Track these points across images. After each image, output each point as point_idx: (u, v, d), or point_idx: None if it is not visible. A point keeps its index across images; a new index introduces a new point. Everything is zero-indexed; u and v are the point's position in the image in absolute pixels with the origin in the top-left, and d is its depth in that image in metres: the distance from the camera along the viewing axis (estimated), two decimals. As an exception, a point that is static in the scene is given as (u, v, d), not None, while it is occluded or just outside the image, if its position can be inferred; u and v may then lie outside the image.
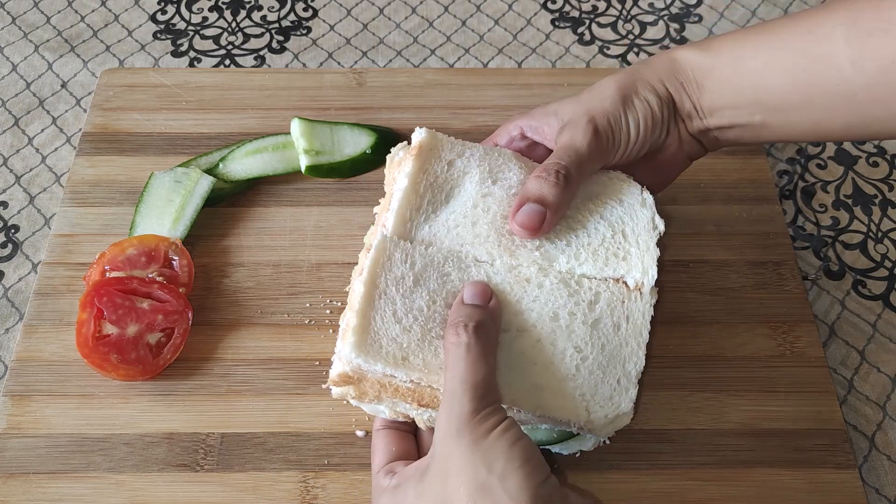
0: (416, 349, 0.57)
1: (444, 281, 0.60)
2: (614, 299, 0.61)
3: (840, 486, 0.71)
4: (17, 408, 0.74)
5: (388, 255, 0.60)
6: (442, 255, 0.61)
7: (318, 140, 0.88)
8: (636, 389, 0.59)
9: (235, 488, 0.70)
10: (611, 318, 0.60)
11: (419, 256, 0.60)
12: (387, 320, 0.58)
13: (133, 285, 0.77)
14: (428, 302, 0.59)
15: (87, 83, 1.00)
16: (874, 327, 0.83)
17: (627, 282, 0.63)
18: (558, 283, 0.61)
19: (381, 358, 0.57)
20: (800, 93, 0.61)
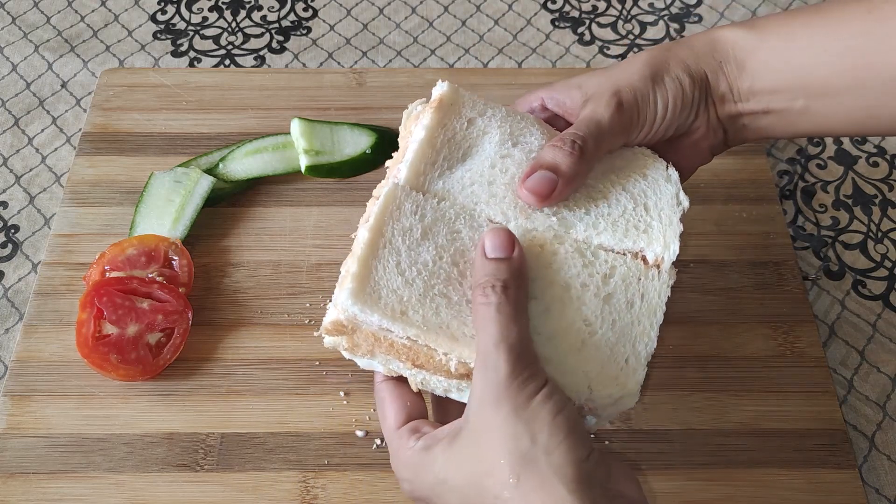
0: (416, 304, 0.54)
1: (453, 238, 0.57)
2: (630, 275, 0.57)
3: (840, 486, 0.71)
4: (17, 408, 0.74)
5: (398, 205, 0.57)
6: (454, 212, 0.58)
7: (318, 140, 0.88)
8: (645, 371, 0.55)
9: (235, 488, 0.70)
10: (625, 295, 0.57)
11: (430, 209, 0.57)
12: (389, 270, 0.55)
13: (133, 285, 0.77)
14: (434, 257, 0.56)
15: (87, 83, 1.00)
16: (874, 327, 0.83)
17: (647, 256, 0.59)
18: (573, 251, 0.57)
19: (379, 309, 0.54)
20: (853, 76, 0.58)
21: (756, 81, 0.62)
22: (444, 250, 0.56)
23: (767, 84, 0.62)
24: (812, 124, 0.63)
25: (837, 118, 0.61)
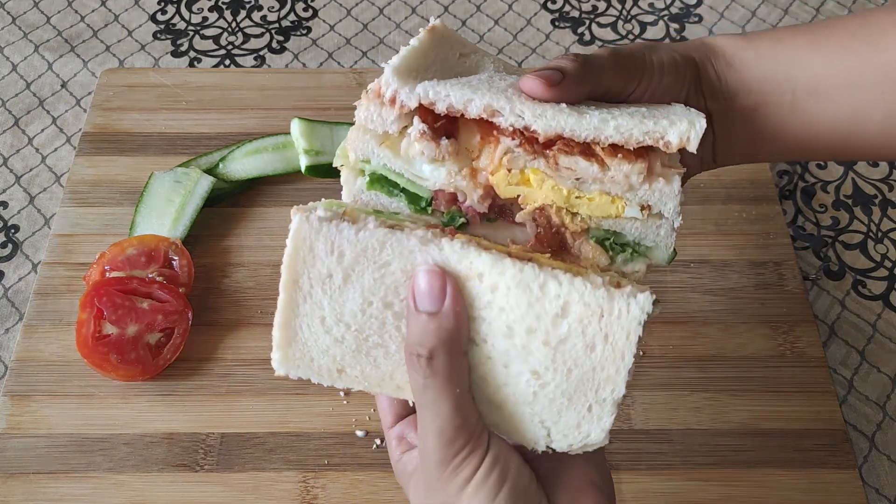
0: (352, 360, 0.50)
1: (382, 274, 0.49)
2: (589, 314, 0.47)
3: (840, 486, 0.71)
4: (17, 408, 0.74)
5: (309, 247, 0.49)
6: (378, 240, 0.48)
7: (318, 140, 0.88)
8: (613, 416, 0.48)
9: (235, 488, 0.70)
10: (582, 338, 0.47)
11: (348, 245, 0.48)
12: (315, 330, 0.50)
13: (133, 285, 0.77)
14: (362, 305, 0.49)
15: (87, 83, 1.00)
16: (874, 327, 0.83)
17: (671, 139, 0.51)
18: (516, 286, 0.47)
19: (313, 372, 0.50)
20: (844, 74, 0.58)
21: (744, 73, 0.61)
22: (372, 293, 0.49)
23: (756, 74, 0.60)
24: (801, 124, 0.61)
25: (827, 117, 0.60)
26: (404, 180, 0.54)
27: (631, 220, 0.53)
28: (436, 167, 0.53)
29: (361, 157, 0.55)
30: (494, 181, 0.53)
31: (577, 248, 0.53)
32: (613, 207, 0.53)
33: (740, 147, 0.60)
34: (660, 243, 0.53)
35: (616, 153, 0.52)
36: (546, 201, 0.53)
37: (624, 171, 0.52)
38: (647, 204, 0.52)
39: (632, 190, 0.52)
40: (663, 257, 0.54)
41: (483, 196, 0.53)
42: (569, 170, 0.52)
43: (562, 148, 0.52)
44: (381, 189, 0.55)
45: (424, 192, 0.54)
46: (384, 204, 0.56)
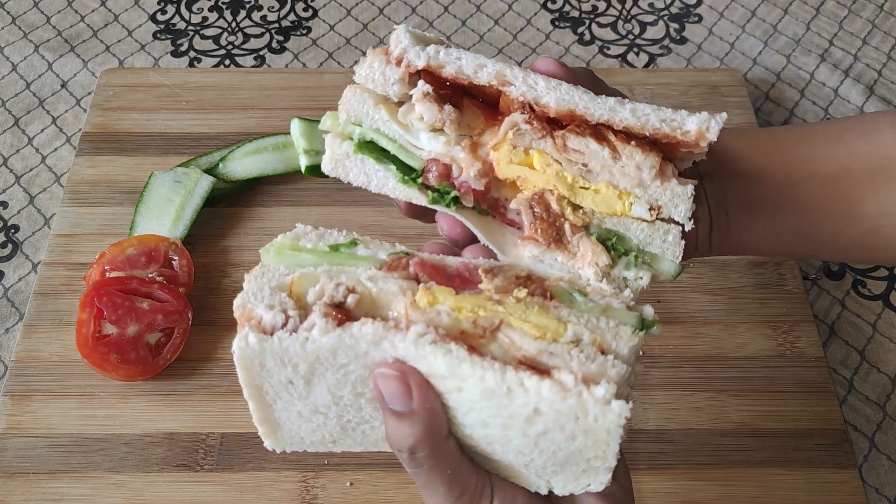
0: (341, 435, 0.49)
1: (343, 373, 0.45)
2: (563, 417, 0.43)
3: (840, 485, 0.71)
4: (17, 408, 0.74)
5: (260, 364, 0.46)
6: (328, 348, 0.44)
7: (318, 140, 0.88)
8: (609, 474, 0.45)
9: (235, 488, 0.70)
10: (561, 432, 0.43)
11: (299, 357, 0.45)
12: (294, 420, 0.48)
13: (133, 285, 0.77)
14: (333, 398, 0.47)
15: (87, 83, 1.00)
16: (874, 327, 0.83)
17: (689, 127, 0.47)
18: (481, 395, 0.43)
19: (307, 446, 0.50)
20: (837, 164, 0.57)
21: (740, 160, 0.58)
22: (339, 388, 0.46)
23: (752, 161, 0.58)
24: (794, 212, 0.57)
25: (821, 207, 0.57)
26: (396, 146, 0.51)
27: (637, 220, 0.49)
28: (434, 137, 0.50)
29: (353, 120, 0.52)
30: (495, 157, 0.50)
31: (575, 244, 0.49)
32: (620, 204, 0.50)
33: (735, 234, 0.57)
34: (666, 252, 0.49)
35: (629, 141, 0.49)
36: (547, 186, 0.49)
37: (636, 162, 0.48)
38: (657, 204, 0.49)
39: (642, 186, 0.49)
40: (669, 270, 0.49)
41: (481, 172, 0.50)
42: (577, 153, 0.49)
43: (572, 129, 0.49)
44: (369, 154, 0.51)
45: (417, 162, 0.51)
46: (369, 172, 0.51)
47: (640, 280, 0.49)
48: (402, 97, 0.51)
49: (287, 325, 0.45)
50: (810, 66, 1.03)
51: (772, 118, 0.99)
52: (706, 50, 1.05)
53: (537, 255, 0.49)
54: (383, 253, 0.48)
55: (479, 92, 0.51)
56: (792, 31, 1.07)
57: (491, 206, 0.51)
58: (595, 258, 0.49)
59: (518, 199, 0.50)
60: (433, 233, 0.85)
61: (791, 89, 1.01)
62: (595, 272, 0.48)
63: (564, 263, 0.49)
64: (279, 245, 0.49)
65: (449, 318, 0.44)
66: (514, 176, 0.50)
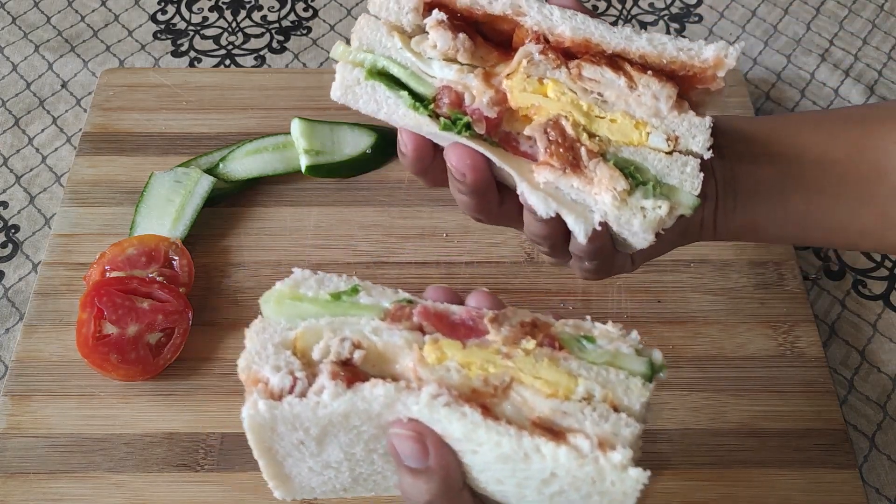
0: (352, 485, 0.49)
1: (356, 433, 0.45)
2: (579, 480, 0.42)
3: (840, 485, 0.71)
4: (17, 408, 0.74)
5: (271, 429, 0.45)
6: (341, 412, 0.43)
7: (318, 140, 0.88)
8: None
9: (235, 488, 0.70)
10: (577, 493, 0.43)
11: (311, 422, 0.44)
12: (305, 475, 0.48)
13: (133, 285, 0.77)
14: (345, 455, 0.47)
15: (87, 83, 1.00)
16: (874, 327, 0.83)
17: (707, 55, 0.48)
18: (496, 459, 0.43)
19: (319, 494, 0.50)
20: (846, 147, 0.56)
21: (752, 143, 0.57)
22: (351, 447, 0.46)
23: (763, 143, 0.57)
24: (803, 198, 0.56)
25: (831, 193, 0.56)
26: (408, 74, 0.50)
27: (655, 150, 0.48)
28: (447, 65, 0.49)
29: (365, 48, 0.50)
30: (509, 86, 0.49)
31: (591, 169, 0.48)
32: (636, 133, 0.49)
33: (742, 216, 0.57)
34: (685, 183, 0.48)
35: (645, 71, 0.48)
36: (562, 113, 0.48)
37: (653, 91, 0.48)
38: (675, 135, 0.48)
39: (658, 116, 0.48)
40: (688, 202, 0.48)
41: (493, 100, 0.48)
42: (593, 81, 0.48)
43: (588, 58, 0.48)
44: (380, 81, 0.50)
45: (428, 90, 0.49)
46: (379, 99, 0.50)
47: (658, 210, 0.48)
48: (415, 28, 0.50)
49: (295, 388, 0.44)
50: (811, 66, 1.03)
51: (772, 118, 0.99)
52: (706, 50, 1.05)
53: (553, 180, 0.48)
54: (386, 301, 0.48)
55: (492, 30, 0.51)
56: (792, 30, 1.07)
57: (503, 140, 0.49)
58: (613, 183, 0.47)
59: (533, 125, 0.48)
60: (433, 232, 0.85)
61: (791, 89, 1.01)
62: (613, 196, 0.47)
63: (581, 189, 0.48)
64: (279, 294, 0.48)
65: (459, 375, 0.44)
66: (527, 104, 0.49)
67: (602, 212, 0.48)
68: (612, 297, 0.81)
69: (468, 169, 0.49)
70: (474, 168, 0.49)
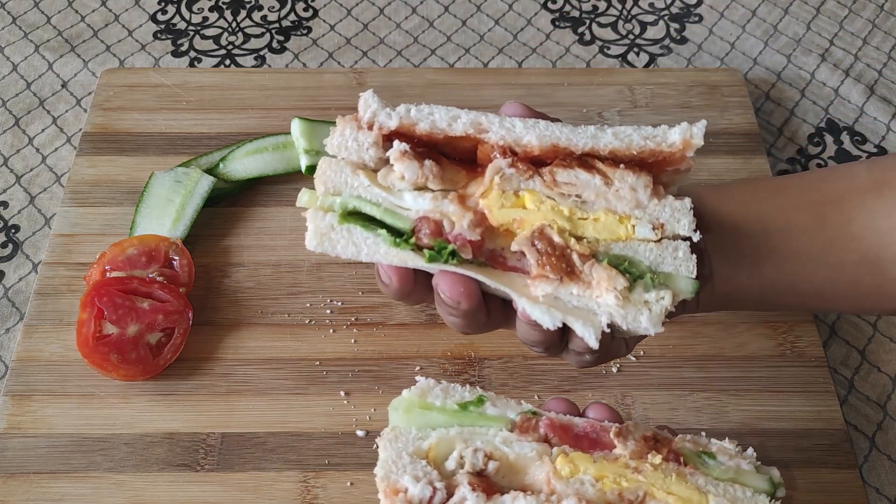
0: None
1: None
2: None
3: (840, 485, 0.71)
4: (17, 408, 0.74)
5: None
6: None
7: (318, 140, 0.88)
8: None
9: (236, 488, 0.70)
10: None
11: None
12: None
13: (133, 285, 0.77)
14: None
15: (88, 83, 1.00)
16: (874, 327, 0.83)
17: (673, 138, 0.49)
18: None
19: None
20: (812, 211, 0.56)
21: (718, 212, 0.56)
22: None
23: (728, 212, 0.56)
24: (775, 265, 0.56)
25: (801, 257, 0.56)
26: (382, 210, 0.49)
27: (644, 241, 0.49)
28: (419, 195, 0.49)
29: (332, 191, 0.50)
30: (486, 205, 0.49)
31: (587, 272, 0.48)
32: (623, 228, 0.49)
33: (720, 287, 0.57)
34: (680, 269, 0.49)
35: (617, 165, 0.49)
36: (546, 222, 0.48)
37: (629, 183, 0.48)
38: (660, 222, 0.49)
39: (640, 206, 0.49)
40: (687, 287, 0.49)
41: (473, 222, 0.48)
42: (569, 185, 0.49)
43: (558, 163, 0.49)
44: (355, 223, 0.49)
45: (405, 224, 0.49)
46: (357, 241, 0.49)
47: (662, 301, 0.48)
48: (378, 162, 0.50)
49: (434, 498, 0.44)
50: (811, 66, 1.03)
51: (772, 118, 0.99)
52: (706, 50, 1.05)
53: (551, 291, 0.48)
54: (511, 412, 0.49)
55: (454, 150, 0.50)
56: (792, 30, 1.07)
57: (489, 259, 0.49)
58: (612, 283, 0.48)
59: (519, 239, 0.48)
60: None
61: (791, 89, 1.01)
62: (615, 296, 0.47)
63: (581, 295, 0.48)
64: (408, 402, 0.49)
65: (594, 489, 0.45)
66: (508, 220, 0.49)
67: (607, 313, 0.48)
68: (613, 297, 0.81)
69: (462, 297, 0.49)
70: (468, 295, 0.49)
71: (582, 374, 0.76)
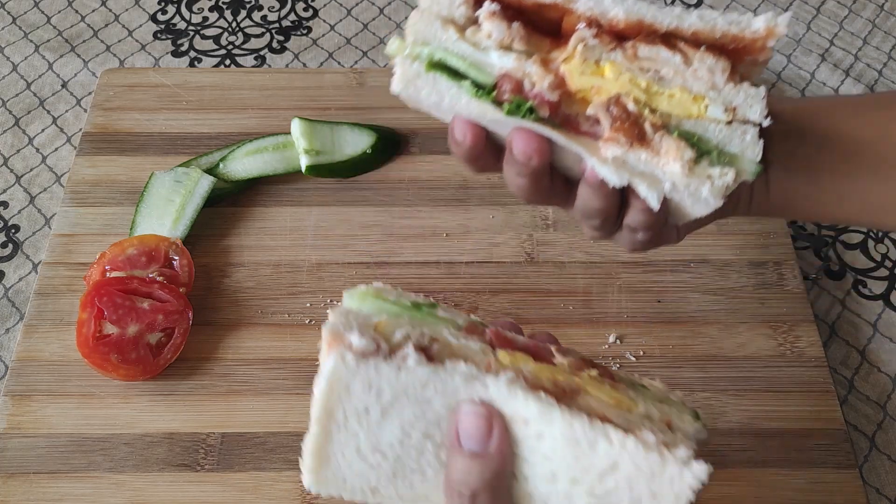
0: (386, 483, 0.48)
1: (423, 409, 0.46)
2: (638, 474, 0.43)
3: (840, 485, 0.71)
4: (17, 408, 0.74)
5: (346, 386, 0.45)
6: (420, 379, 0.45)
7: (318, 140, 0.88)
8: None
9: (236, 488, 0.70)
10: (628, 493, 0.44)
11: (387, 384, 0.45)
12: (349, 457, 0.47)
13: (133, 285, 0.77)
14: (401, 437, 0.46)
15: (88, 83, 1.00)
16: (874, 327, 0.83)
17: (757, 25, 0.50)
18: (563, 440, 0.44)
19: (346, 491, 0.48)
20: None
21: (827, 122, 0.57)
22: (412, 426, 0.46)
23: (838, 126, 0.57)
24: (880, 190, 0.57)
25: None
26: (467, 64, 0.50)
27: (714, 121, 0.50)
28: (504, 54, 0.50)
29: (420, 42, 0.52)
30: (567, 70, 0.50)
31: (657, 142, 0.49)
32: (696, 106, 0.50)
33: (775, 193, 0.57)
34: (746, 151, 0.50)
35: (698, 47, 0.50)
36: (623, 91, 0.50)
37: (708, 65, 0.49)
38: (732, 106, 0.50)
39: (715, 89, 0.50)
40: (750, 169, 0.50)
41: (554, 84, 0.49)
42: (649, 60, 0.50)
43: (642, 38, 0.50)
44: (440, 73, 0.50)
45: (488, 79, 0.50)
46: (441, 90, 0.50)
47: (725, 177, 0.49)
48: (467, 21, 0.51)
49: (378, 353, 0.45)
50: (811, 66, 1.03)
51: (772, 118, 0.99)
52: (706, 50, 1.05)
53: (620, 154, 0.49)
54: (460, 319, 0.49)
55: (539, 19, 0.52)
56: (792, 30, 1.07)
57: (563, 122, 0.50)
58: (680, 153, 0.49)
59: (595, 104, 0.49)
60: (433, 232, 0.85)
61: (791, 89, 1.01)
62: (681, 166, 0.48)
63: (649, 161, 0.49)
64: (362, 292, 0.49)
65: (532, 375, 0.46)
66: (587, 87, 0.50)
67: (671, 181, 0.49)
68: (613, 297, 0.81)
69: (534, 152, 0.50)
70: (540, 151, 0.50)
71: (582, 374, 0.76)
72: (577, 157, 0.50)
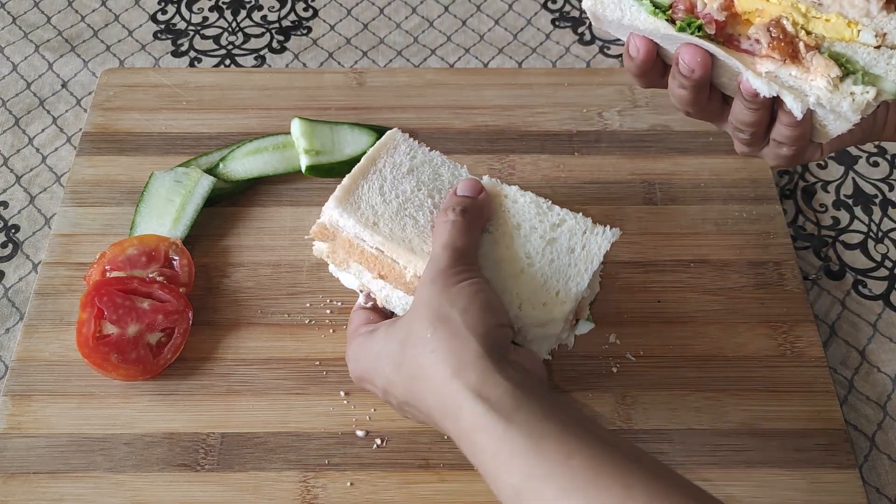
0: (387, 219, 0.65)
1: (435, 176, 0.69)
2: (577, 228, 0.66)
3: (840, 486, 0.71)
4: (17, 408, 0.74)
5: (395, 145, 0.70)
6: (441, 159, 0.70)
7: (318, 140, 0.88)
8: (573, 305, 0.62)
9: (235, 488, 0.70)
10: (568, 242, 0.65)
11: (420, 154, 0.70)
12: (372, 190, 0.67)
13: (133, 285, 0.77)
14: (414, 188, 0.67)
15: (88, 83, 1.00)
16: (874, 327, 0.83)
17: None
18: (531, 202, 0.67)
19: (355, 216, 0.65)
20: None
21: None
22: (423, 185, 0.68)
23: None
24: None
25: None
26: None
27: (863, 45, 0.55)
28: None
29: None
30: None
31: (808, 60, 0.55)
32: (848, 31, 0.55)
33: None
34: (889, 73, 0.55)
35: None
36: (783, 14, 0.55)
37: None
38: (883, 32, 0.54)
39: (869, 16, 0.54)
40: (891, 90, 0.54)
41: (722, 5, 0.56)
42: None
43: None
44: None
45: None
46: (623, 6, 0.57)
47: (866, 94, 0.54)
48: None
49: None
50: (811, 66, 1.03)
51: (772, 118, 0.98)
52: (706, 50, 1.05)
53: (773, 69, 0.54)
54: None
55: None
56: None
57: (726, 40, 0.57)
58: (827, 70, 0.54)
59: (757, 25, 0.56)
60: (433, 233, 0.84)
61: (791, 89, 1.01)
62: (827, 81, 0.54)
63: (798, 77, 0.54)
64: None
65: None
66: (751, 8, 0.56)
67: (816, 95, 0.54)
68: (613, 296, 0.81)
69: (698, 65, 0.56)
70: (703, 64, 0.56)
71: (582, 375, 0.76)
72: (734, 75, 0.56)
